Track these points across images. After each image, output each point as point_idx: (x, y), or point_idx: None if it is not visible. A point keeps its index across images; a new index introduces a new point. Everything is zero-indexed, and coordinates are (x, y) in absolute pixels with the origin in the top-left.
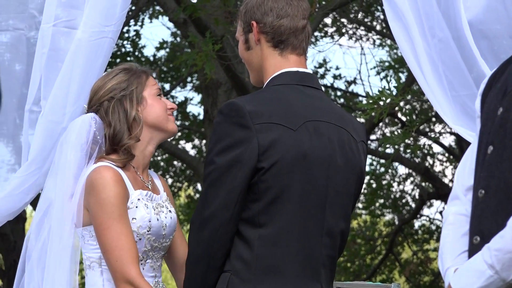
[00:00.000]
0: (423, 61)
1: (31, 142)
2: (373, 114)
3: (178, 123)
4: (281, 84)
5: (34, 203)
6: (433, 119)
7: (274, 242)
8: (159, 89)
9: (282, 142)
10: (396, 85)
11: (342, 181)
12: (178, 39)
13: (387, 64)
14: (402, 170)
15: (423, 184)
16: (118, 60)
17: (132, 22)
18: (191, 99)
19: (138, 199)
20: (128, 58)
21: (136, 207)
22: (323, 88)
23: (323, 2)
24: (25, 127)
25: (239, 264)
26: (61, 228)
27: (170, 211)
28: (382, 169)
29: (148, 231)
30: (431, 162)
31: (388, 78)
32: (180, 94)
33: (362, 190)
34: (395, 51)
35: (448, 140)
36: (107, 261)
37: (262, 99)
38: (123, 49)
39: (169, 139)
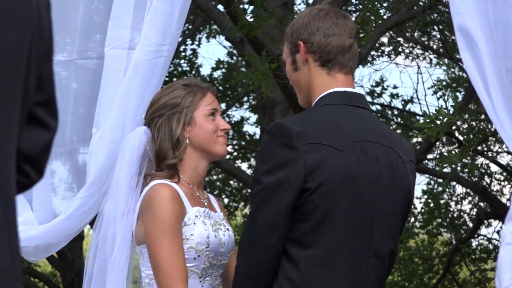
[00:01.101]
0: (493, 92)
1: (92, 162)
2: (430, 133)
3: (234, 142)
4: (329, 104)
5: (91, 221)
6: (490, 138)
7: (321, 262)
8: (213, 109)
9: (328, 162)
10: (453, 104)
11: (389, 202)
12: (235, 58)
13: (444, 83)
14: (459, 189)
15: (481, 203)
16: (174, 79)
17: (188, 41)
18: (247, 119)
19: (196, 215)
20: (185, 78)
21: (194, 223)
22: (380, 107)
23: (379, 21)
24: (91, 147)
25: (286, 284)
26: (114, 245)
27: (228, 229)
28: (440, 189)
29: (206, 248)
30: (488, 181)
31: (445, 97)
32: (236, 113)
33: (420, 210)
34: (452, 70)
35: (506, 159)
36: (155, 278)
37: (309, 119)
38: (179, 68)
39: (226, 158)
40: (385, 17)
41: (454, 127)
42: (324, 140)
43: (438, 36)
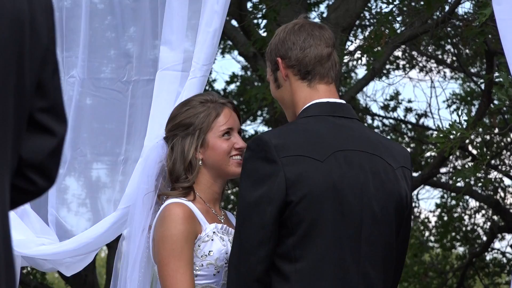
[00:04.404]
0: None
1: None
2: (443, 148)
3: None
4: (311, 115)
5: None
6: (504, 152)
7: (312, 275)
8: (228, 128)
9: (309, 174)
10: (466, 118)
11: (378, 209)
12: (249, 72)
13: (459, 96)
14: (473, 203)
15: (494, 217)
16: None
17: None
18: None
19: (214, 232)
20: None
21: (212, 240)
22: (393, 121)
23: (390, 37)
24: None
25: None
26: (129, 261)
27: None
28: (453, 202)
29: (225, 264)
30: (502, 195)
31: (459, 112)
32: (250, 127)
33: (434, 224)
34: (467, 84)
35: None
36: None
37: (289, 132)
38: None
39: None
40: (398, 31)
41: (467, 141)
42: (303, 152)
43: (452, 50)
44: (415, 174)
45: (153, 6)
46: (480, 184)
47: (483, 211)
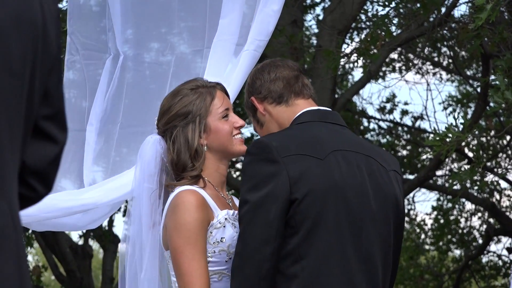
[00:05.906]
0: None
1: None
2: (439, 151)
3: None
4: (304, 121)
5: (100, 239)
6: (500, 154)
7: (317, 272)
8: (225, 109)
9: (311, 172)
10: (462, 121)
11: (376, 209)
12: None
13: (455, 98)
14: (469, 205)
15: (490, 220)
16: None
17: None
18: (257, 135)
19: (226, 218)
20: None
21: (224, 226)
22: (389, 124)
23: (386, 40)
24: None
25: None
26: (143, 260)
27: None
28: (449, 205)
29: None
30: (498, 197)
31: (455, 114)
32: (246, 130)
33: (430, 226)
34: (464, 86)
35: None
36: (178, 285)
37: (287, 135)
38: None
39: (234, 176)
40: (394, 34)
41: (463, 144)
42: (304, 151)
43: (448, 52)
44: (411, 177)
45: None
46: (476, 187)
47: (479, 214)
